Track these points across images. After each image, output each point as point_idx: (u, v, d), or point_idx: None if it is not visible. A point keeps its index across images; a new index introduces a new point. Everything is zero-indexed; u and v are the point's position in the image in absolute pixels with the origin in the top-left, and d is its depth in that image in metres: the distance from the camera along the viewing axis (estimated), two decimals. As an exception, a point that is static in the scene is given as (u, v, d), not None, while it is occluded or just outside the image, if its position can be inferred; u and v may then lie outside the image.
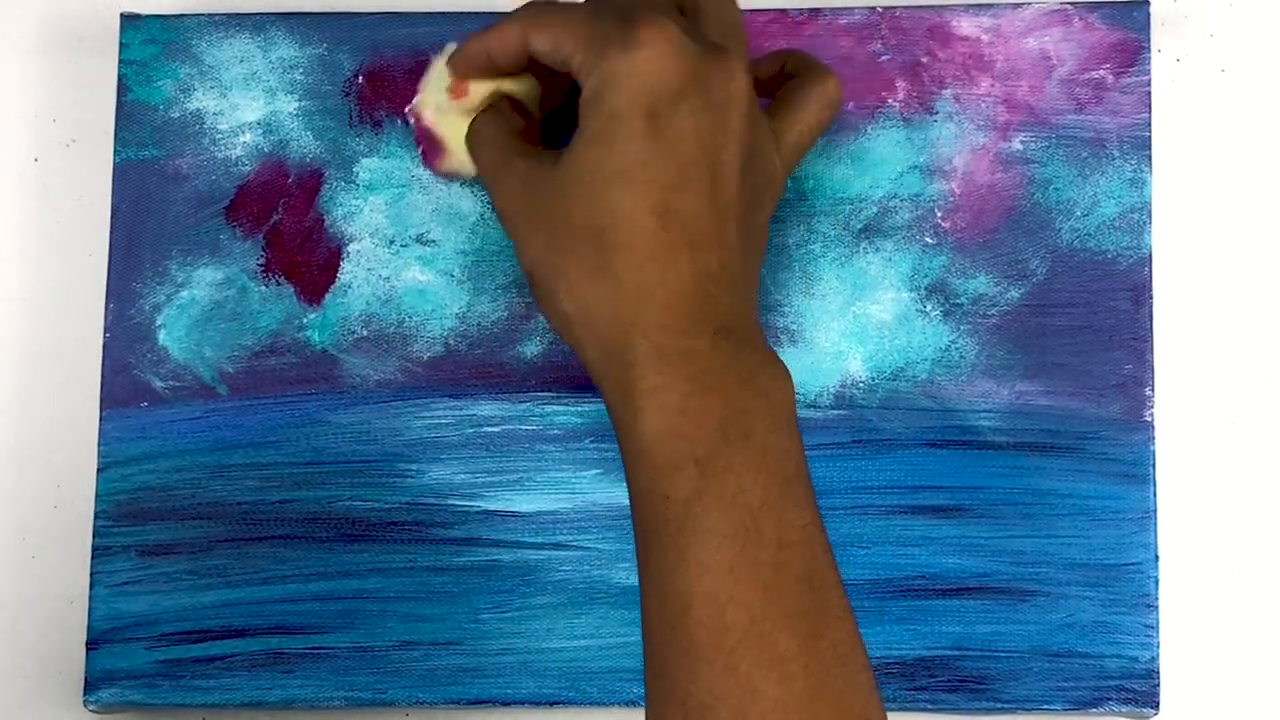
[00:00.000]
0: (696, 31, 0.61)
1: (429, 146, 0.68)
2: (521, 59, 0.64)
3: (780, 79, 0.66)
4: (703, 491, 0.57)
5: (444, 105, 0.67)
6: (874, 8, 0.71)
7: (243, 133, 0.72)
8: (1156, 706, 0.68)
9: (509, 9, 0.72)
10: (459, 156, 0.68)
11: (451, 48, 0.66)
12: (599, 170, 0.59)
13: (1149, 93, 0.70)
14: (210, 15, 0.72)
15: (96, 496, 0.70)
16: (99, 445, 0.70)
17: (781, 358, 0.69)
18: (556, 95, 0.67)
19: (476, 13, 0.72)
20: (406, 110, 0.69)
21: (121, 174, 0.71)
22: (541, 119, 0.68)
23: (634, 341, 0.59)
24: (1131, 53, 0.70)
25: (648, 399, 0.58)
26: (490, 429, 0.70)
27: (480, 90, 0.66)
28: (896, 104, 0.71)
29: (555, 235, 0.61)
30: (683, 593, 0.56)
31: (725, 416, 0.57)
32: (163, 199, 0.71)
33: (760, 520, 0.56)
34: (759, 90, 0.65)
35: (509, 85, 0.66)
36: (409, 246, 0.71)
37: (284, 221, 0.71)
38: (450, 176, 0.70)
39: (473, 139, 0.66)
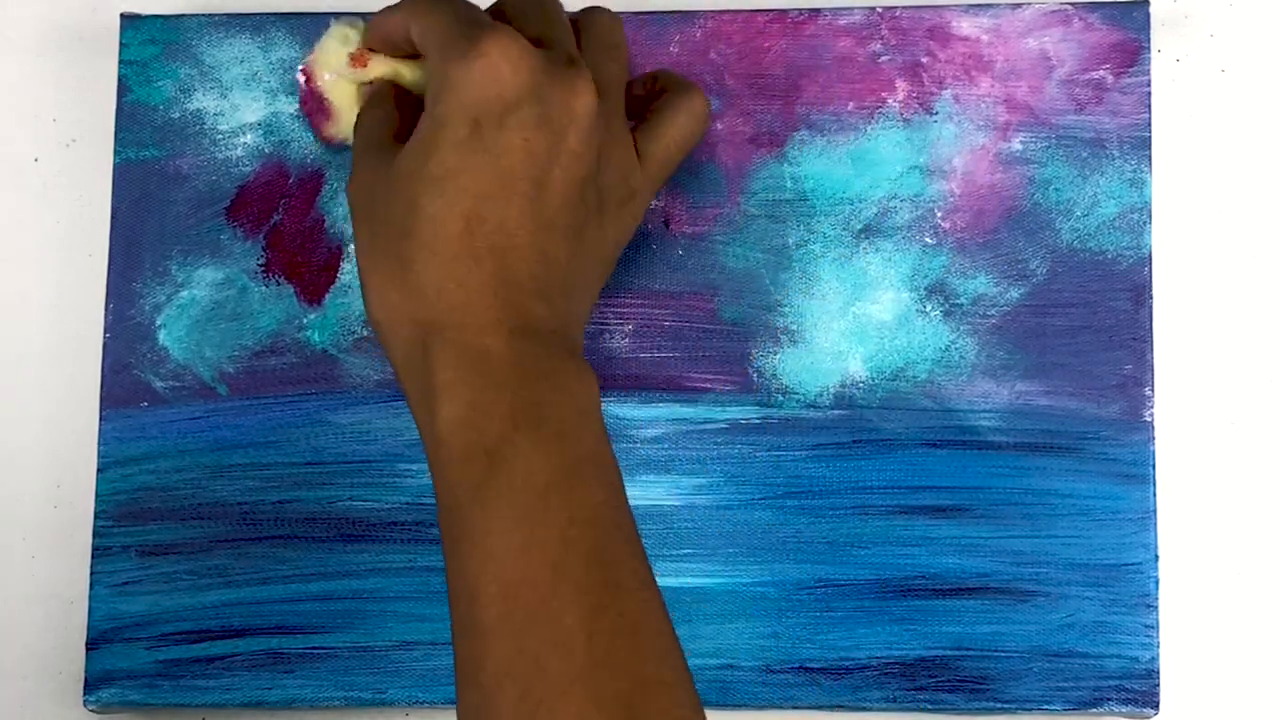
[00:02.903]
0: (559, 49, 0.63)
1: (316, 109, 0.68)
2: (411, 44, 0.65)
3: (651, 98, 0.67)
4: (492, 478, 0.58)
5: (342, 71, 0.67)
6: (874, 8, 0.71)
7: (243, 133, 0.72)
8: (1156, 706, 0.68)
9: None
10: (343, 123, 0.68)
11: (348, 19, 0.67)
12: (416, 174, 0.61)
13: (1149, 93, 0.70)
14: (210, 15, 0.72)
15: (96, 496, 0.70)
16: (99, 445, 0.70)
17: (781, 357, 0.69)
18: None
19: (476, 13, 0.72)
20: (299, 70, 0.69)
21: (121, 174, 0.71)
22: None
23: (431, 341, 0.60)
24: (1131, 53, 0.71)
25: (442, 393, 0.59)
26: (490, 429, 0.70)
27: (378, 66, 0.67)
28: (896, 104, 0.71)
29: (375, 231, 0.62)
30: (473, 577, 0.57)
31: (516, 407, 0.58)
32: (163, 199, 0.71)
33: (549, 500, 0.57)
34: (633, 108, 0.67)
35: (406, 71, 0.66)
36: (409, 246, 0.71)
37: (284, 222, 0.71)
38: (333, 144, 0.70)
39: (355, 126, 0.66)
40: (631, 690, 0.56)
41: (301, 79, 0.68)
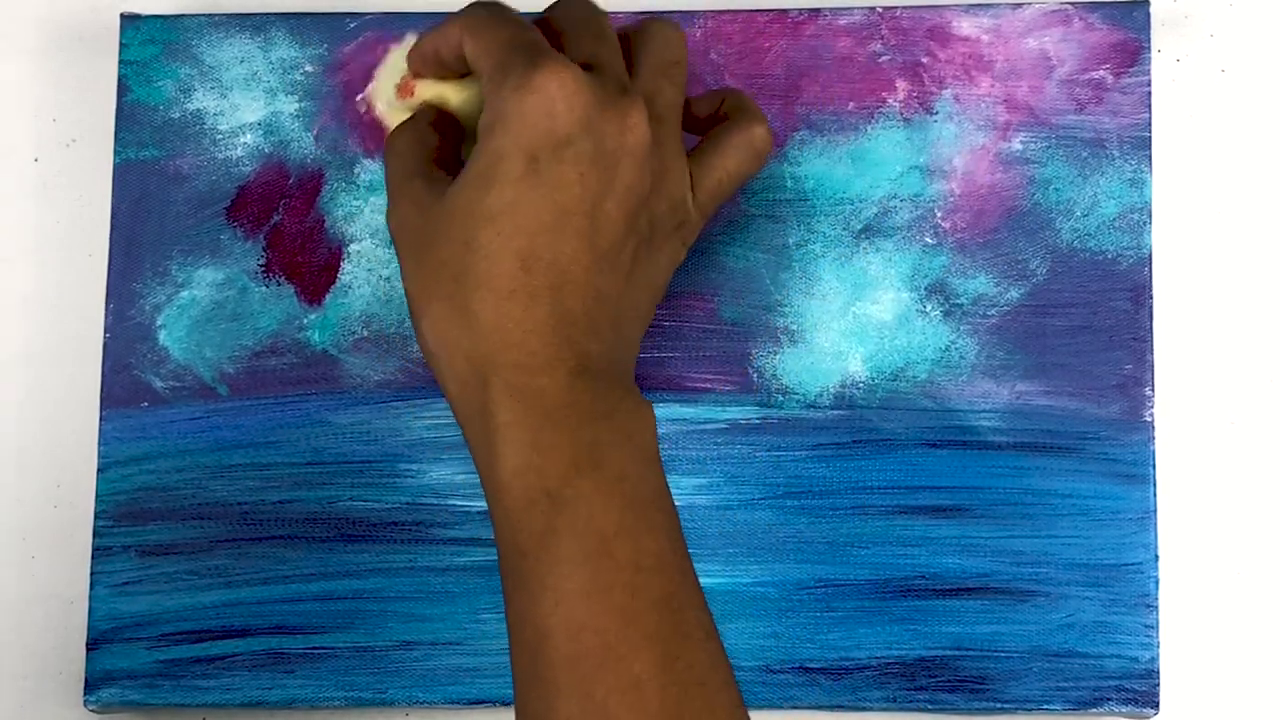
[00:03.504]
0: (611, 75, 0.61)
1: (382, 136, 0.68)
2: (461, 62, 0.64)
3: (715, 119, 0.66)
4: (555, 521, 0.57)
5: (393, 102, 0.66)
6: (874, 8, 0.71)
7: (243, 133, 0.72)
8: (1156, 706, 0.68)
9: (521, 8, 0.72)
10: None
11: (410, 39, 0.66)
12: (472, 210, 0.60)
13: (1149, 93, 0.70)
14: (210, 15, 0.72)
15: (96, 496, 0.70)
16: (99, 445, 0.70)
17: (781, 357, 0.69)
18: None
19: (476, 13, 0.72)
20: (358, 99, 0.69)
21: (121, 174, 0.72)
22: None
23: (489, 380, 0.59)
24: (1131, 53, 0.71)
25: (501, 435, 0.59)
26: (490, 429, 0.70)
27: (425, 92, 0.65)
28: (896, 104, 0.71)
29: (428, 267, 0.61)
30: (539, 624, 0.57)
31: (577, 450, 0.58)
32: (163, 199, 0.71)
33: (614, 546, 0.57)
34: (694, 127, 0.66)
35: (452, 94, 0.65)
36: (409, 246, 0.71)
37: (285, 222, 0.71)
38: None
39: (386, 150, 0.65)
40: None
41: (362, 109, 0.68)
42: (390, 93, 0.66)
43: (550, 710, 0.56)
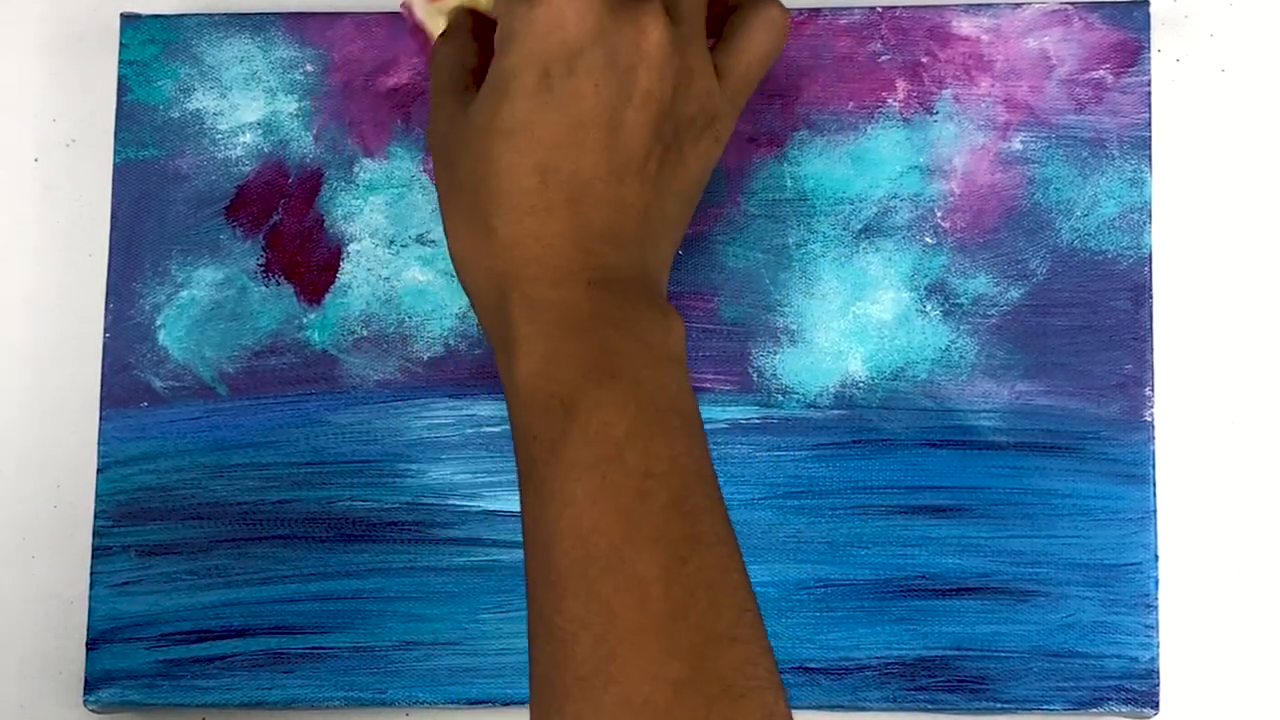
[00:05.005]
0: None
1: (422, 43, 0.68)
2: None
3: (726, 13, 0.65)
4: (567, 428, 0.57)
5: (426, 7, 0.66)
6: (874, 8, 0.71)
7: (243, 133, 0.72)
8: (1156, 706, 0.68)
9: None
10: None
11: None
12: (489, 126, 0.60)
13: (1149, 93, 0.70)
14: (210, 15, 0.72)
15: (96, 496, 0.70)
16: (99, 445, 0.70)
17: (781, 357, 0.69)
18: None
19: (476, 13, 0.72)
20: (401, 4, 0.68)
21: (121, 174, 0.72)
22: None
23: (508, 293, 0.60)
24: (1131, 53, 0.70)
25: (519, 347, 0.59)
26: (490, 429, 0.70)
27: None
28: (896, 104, 0.71)
29: (452, 181, 0.62)
30: (550, 527, 0.57)
31: (592, 358, 0.58)
32: (163, 199, 0.71)
33: (625, 451, 0.57)
34: (710, 25, 0.65)
35: None
36: (409, 246, 0.71)
37: (284, 222, 0.71)
38: None
39: (430, 63, 0.66)
40: (705, 643, 0.55)
41: (404, 12, 0.67)
42: None
43: (558, 610, 0.56)
